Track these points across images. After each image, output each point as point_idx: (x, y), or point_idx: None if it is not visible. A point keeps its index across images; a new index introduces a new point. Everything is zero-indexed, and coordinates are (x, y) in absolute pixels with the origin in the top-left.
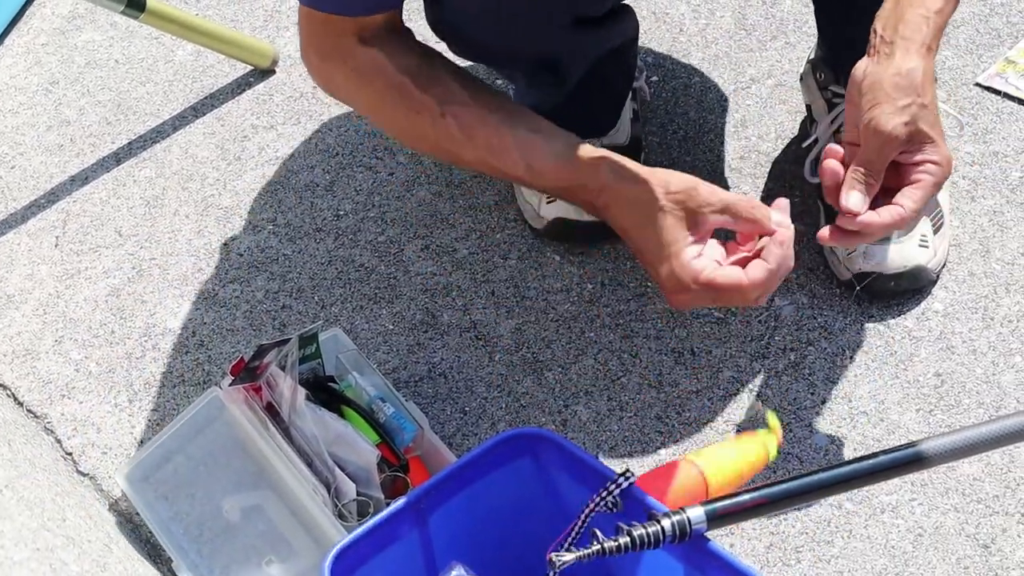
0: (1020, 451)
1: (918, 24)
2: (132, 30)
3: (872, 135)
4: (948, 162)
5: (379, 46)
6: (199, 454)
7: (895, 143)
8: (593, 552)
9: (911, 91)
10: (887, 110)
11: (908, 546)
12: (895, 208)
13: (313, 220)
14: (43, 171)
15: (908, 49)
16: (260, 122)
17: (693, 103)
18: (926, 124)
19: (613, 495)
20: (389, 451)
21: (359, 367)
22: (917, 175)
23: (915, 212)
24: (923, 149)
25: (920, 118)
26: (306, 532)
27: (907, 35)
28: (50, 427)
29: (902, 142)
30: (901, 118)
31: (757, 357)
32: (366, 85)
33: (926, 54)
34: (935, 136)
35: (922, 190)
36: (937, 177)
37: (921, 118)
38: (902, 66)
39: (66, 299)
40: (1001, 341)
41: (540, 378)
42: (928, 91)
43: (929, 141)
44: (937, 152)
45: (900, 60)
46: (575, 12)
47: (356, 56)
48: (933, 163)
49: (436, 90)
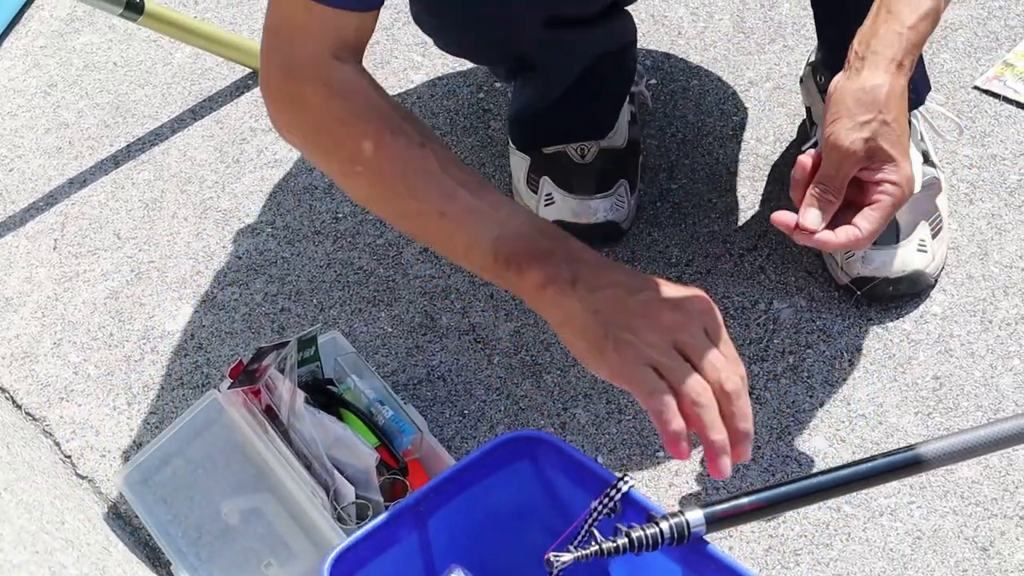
0: (1018, 454)
1: (890, 40)
2: (131, 33)
3: (831, 150)
4: (908, 182)
5: (356, 70)
6: (198, 457)
7: (853, 159)
8: (591, 553)
9: (872, 107)
10: (846, 125)
11: (907, 549)
12: (851, 229)
13: (312, 223)
14: (41, 174)
15: (876, 64)
16: (259, 125)
17: (691, 106)
18: (887, 142)
19: (613, 500)
20: (388, 454)
21: (358, 370)
22: (876, 195)
23: (872, 233)
24: (883, 168)
25: (880, 135)
26: (305, 535)
27: (878, 50)
28: (49, 430)
29: (860, 158)
30: (860, 134)
31: (755, 360)
32: (339, 99)
33: (895, 70)
34: (895, 155)
35: (880, 211)
36: (895, 197)
37: (882, 135)
38: (867, 82)
39: (65, 302)
40: (999, 344)
41: (539, 381)
42: (892, 108)
43: (889, 160)
44: (897, 172)
45: (867, 76)
46: (547, 12)
47: (331, 71)
48: (891, 183)
49: (417, 124)
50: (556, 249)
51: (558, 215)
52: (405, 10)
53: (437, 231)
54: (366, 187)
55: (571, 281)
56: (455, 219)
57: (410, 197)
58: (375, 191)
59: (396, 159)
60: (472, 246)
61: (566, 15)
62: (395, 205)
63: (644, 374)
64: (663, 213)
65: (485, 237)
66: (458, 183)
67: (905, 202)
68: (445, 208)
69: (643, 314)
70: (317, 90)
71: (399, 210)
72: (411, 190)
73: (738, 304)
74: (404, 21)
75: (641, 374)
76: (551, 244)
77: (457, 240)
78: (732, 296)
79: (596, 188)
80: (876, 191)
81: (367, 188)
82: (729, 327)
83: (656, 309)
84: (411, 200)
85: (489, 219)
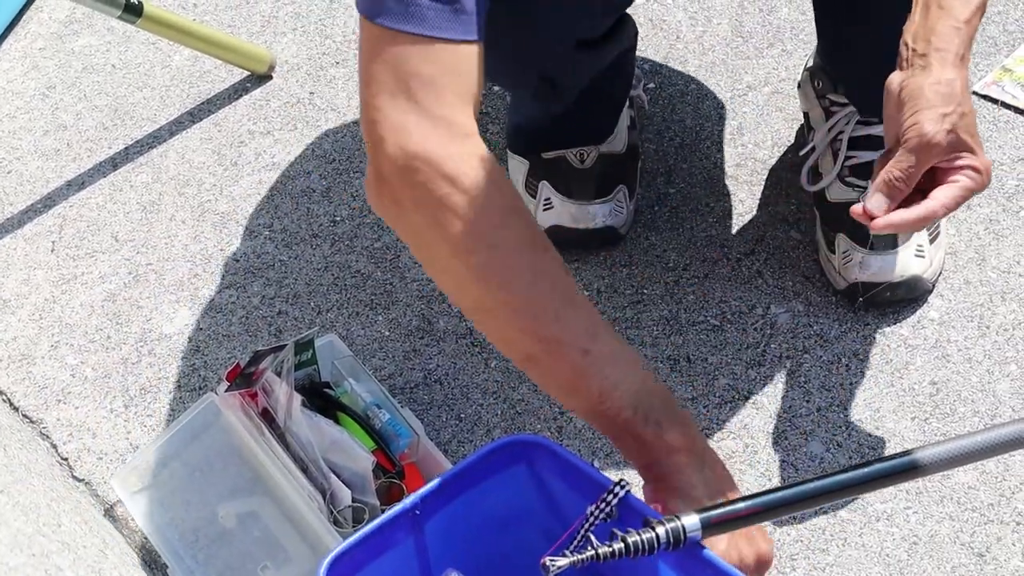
0: (1015, 459)
1: (950, 35)
2: (129, 35)
3: (915, 140)
4: (988, 171)
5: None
6: (195, 460)
7: (936, 149)
8: (587, 557)
9: (951, 100)
10: (930, 116)
11: (903, 554)
12: (929, 204)
13: (309, 226)
14: (39, 176)
15: (944, 60)
16: (257, 128)
17: (690, 110)
18: (967, 133)
19: (610, 505)
20: (385, 458)
21: (355, 373)
22: (955, 177)
23: (947, 210)
24: (963, 156)
25: (960, 127)
26: (302, 538)
27: (940, 47)
28: (46, 432)
29: (943, 149)
30: (943, 125)
31: (753, 365)
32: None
33: (960, 64)
34: (975, 146)
35: (959, 191)
36: (975, 183)
37: (962, 127)
38: (941, 76)
39: (62, 304)
40: (996, 349)
41: (536, 385)
42: (967, 101)
43: (970, 150)
44: (978, 160)
45: (938, 70)
46: (576, 36)
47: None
48: (973, 168)
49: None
50: (688, 416)
51: (556, 220)
52: None
53: (571, 368)
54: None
55: (701, 455)
56: (599, 358)
57: (557, 323)
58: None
59: (548, 277)
60: (609, 392)
61: (589, 36)
62: (535, 327)
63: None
64: (661, 217)
65: (627, 387)
66: (600, 319)
67: (981, 191)
68: (591, 345)
69: None
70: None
71: (542, 335)
72: (559, 315)
73: (735, 308)
74: None
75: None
76: (684, 411)
77: (593, 382)
78: (729, 300)
79: (595, 193)
80: (955, 175)
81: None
82: (726, 331)
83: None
84: (556, 326)
85: (634, 368)
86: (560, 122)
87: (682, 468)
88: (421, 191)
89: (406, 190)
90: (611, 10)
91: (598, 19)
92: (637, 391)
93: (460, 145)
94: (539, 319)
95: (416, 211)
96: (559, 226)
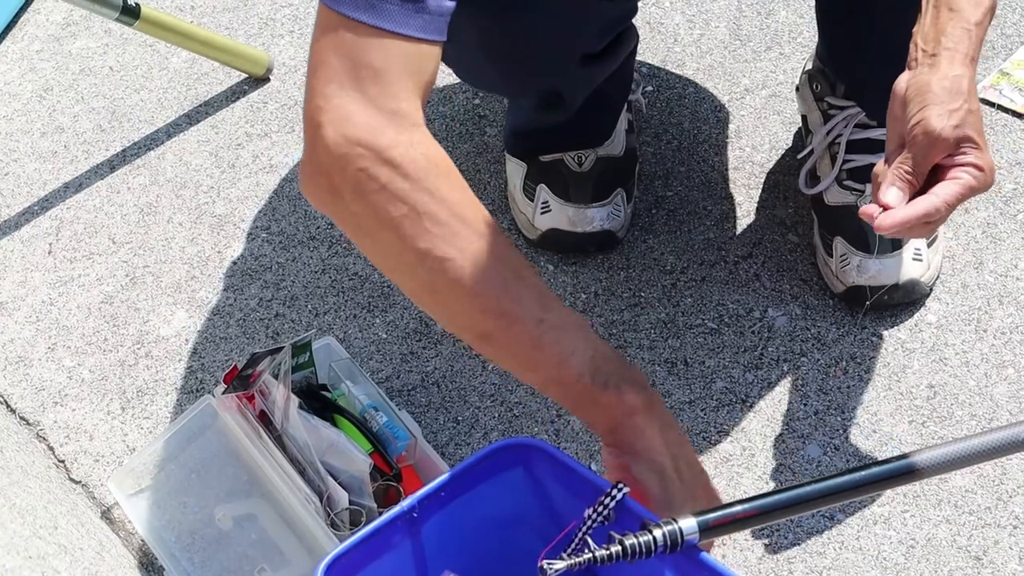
0: (1012, 463)
1: (960, 36)
2: (127, 37)
3: (921, 135)
4: (991, 170)
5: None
6: (192, 462)
7: (943, 144)
8: (584, 560)
9: (959, 96)
10: (937, 111)
11: (900, 558)
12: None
13: (307, 228)
14: (37, 178)
15: (953, 59)
16: (254, 130)
17: (687, 113)
18: (973, 130)
19: (608, 508)
20: (382, 460)
21: (352, 376)
22: (957, 173)
23: (949, 207)
24: (968, 153)
25: (967, 123)
26: (298, 541)
27: (950, 46)
28: (42, 434)
29: (950, 144)
30: (950, 121)
31: (750, 368)
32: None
33: (970, 64)
34: (981, 143)
35: (960, 187)
36: (978, 180)
37: (968, 123)
38: (948, 72)
39: (59, 306)
40: (994, 353)
41: (533, 388)
42: (975, 98)
43: (975, 147)
44: (982, 158)
45: (946, 68)
46: (581, 51)
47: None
48: (976, 167)
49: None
50: (643, 377)
51: (554, 223)
52: None
53: (528, 340)
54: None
55: (660, 416)
56: (553, 328)
57: (507, 297)
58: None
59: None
60: (566, 360)
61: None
62: (486, 304)
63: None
64: (658, 220)
65: (583, 353)
66: (547, 291)
67: (984, 190)
68: (544, 315)
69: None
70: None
71: (493, 309)
72: (509, 289)
73: (733, 312)
74: None
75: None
76: (639, 371)
77: (550, 351)
78: (727, 304)
79: (593, 197)
80: (957, 172)
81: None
82: (724, 335)
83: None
84: (506, 301)
85: (587, 335)
86: (558, 126)
87: (643, 430)
88: (362, 178)
89: (346, 178)
90: (615, 24)
91: (603, 34)
92: (592, 356)
93: (407, 134)
94: (491, 296)
95: (356, 199)
96: (557, 229)
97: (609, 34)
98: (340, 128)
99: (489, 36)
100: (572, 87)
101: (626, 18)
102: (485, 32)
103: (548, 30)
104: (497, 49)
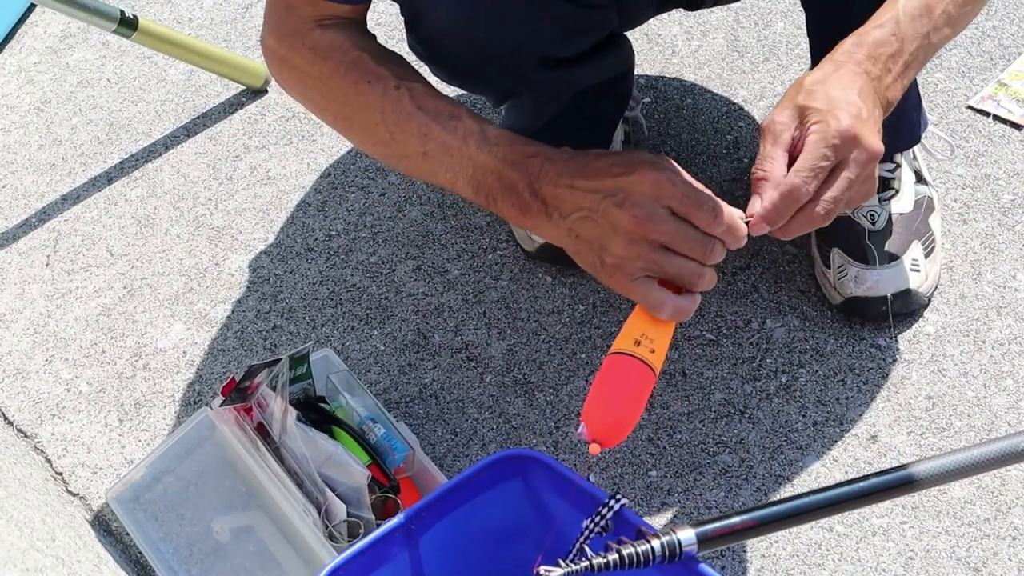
0: (1011, 474)
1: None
2: (124, 49)
3: (762, 131)
4: (834, 117)
5: (338, 30)
6: (189, 474)
7: (776, 127)
8: (581, 569)
9: (799, 89)
10: (778, 107)
11: (899, 569)
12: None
13: (304, 240)
14: (34, 190)
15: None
16: (252, 142)
17: (685, 125)
18: (808, 99)
19: (605, 519)
20: (380, 472)
21: (350, 388)
22: (805, 142)
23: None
24: (809, 116)
25: (799, 100)
26: (296, 553)
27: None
28: (40, 447)
29: (785, 124)
30: (785, 107)
31: (748, 379)
32: (320, 60)
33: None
34: (823, 106)
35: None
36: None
37: (801, 99)
38: (808, 75)
39: (57, 318)
40: (992, 364)
41: (531, 399)
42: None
43: (816, 109)
44: (822, 114)
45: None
46: (540, 53)
47: (314, 36)
48: (816, 122)
49: (394, 66)
50: (519, 180)
51: None
52: (399, 27)
53: (425, 170)
54: (358, 137)
55: (544, 211)
56: (435, 157)
57: (394, 141)
58: (366, 140)
59: (375, 107)
60: (454, 182)
61: (558, 55)
62: (385, 151)
63: (643, 288)
64: None
65: (461, 174)
66: (432, 118)
67: (844, 146)
68: (425, 147)
69: (613, 228)
70: (304, 55)
71: (390, 154)
72: (393, 134)
73: (731, 323)
74: (398, 39)
75: (640, 290)
76: (514, 174)
77: (441, 177)
78: (725, 315)
79: None
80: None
81: (359, 138)
82: (722, 346)
83: (620, 217)
84: (396, 144)
85: (462, 155)
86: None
87: (538, 228)
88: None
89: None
90: (584, 31)
91: (569, 39)
92: (471, 175)
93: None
94: (383, 144)
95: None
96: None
97: (578, 40)
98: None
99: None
100: (535, 89)
101: (599, 27)
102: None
103: (502, 24)
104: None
